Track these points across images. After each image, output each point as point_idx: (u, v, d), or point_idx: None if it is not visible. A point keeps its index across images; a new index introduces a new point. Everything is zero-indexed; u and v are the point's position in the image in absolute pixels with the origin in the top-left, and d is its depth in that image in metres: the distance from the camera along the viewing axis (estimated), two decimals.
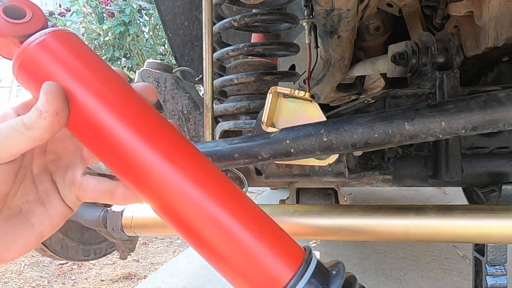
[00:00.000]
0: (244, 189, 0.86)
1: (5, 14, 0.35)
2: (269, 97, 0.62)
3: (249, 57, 1.05)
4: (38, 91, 0.33)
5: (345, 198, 0.89)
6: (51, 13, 5.41)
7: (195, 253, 0.35)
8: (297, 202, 0.95)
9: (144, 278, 2.05)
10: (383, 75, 1.27)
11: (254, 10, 0.95)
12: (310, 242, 2.35)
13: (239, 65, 0.98)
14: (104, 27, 4.87)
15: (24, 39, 0.35)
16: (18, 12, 0.36)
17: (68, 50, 0.35)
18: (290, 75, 0.98)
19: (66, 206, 0.38)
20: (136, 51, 5.05)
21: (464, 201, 1.24)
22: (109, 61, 4.89)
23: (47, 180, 0.38)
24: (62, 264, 2.12)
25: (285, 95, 0.63)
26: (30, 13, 0.36)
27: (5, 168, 0.33)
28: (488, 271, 0.89)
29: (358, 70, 1.12)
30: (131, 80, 1.19)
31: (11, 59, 0.36)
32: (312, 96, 0.63)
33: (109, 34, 4.90)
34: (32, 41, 0.35)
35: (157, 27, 5.04)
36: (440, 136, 0.56)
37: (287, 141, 0.59)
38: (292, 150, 0.59)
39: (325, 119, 0.62)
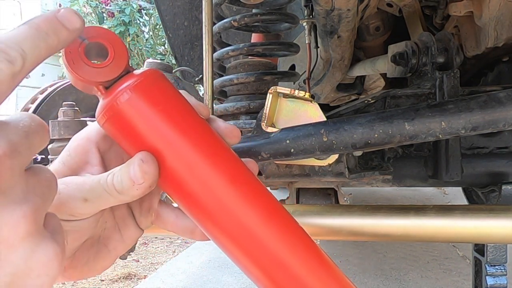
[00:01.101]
0: None
1: (86, 55, 0.31)
2: (269, 97, 0.62)
3: (249, 57, 1.05)
4: (126, 144, 0.33)
5: (345, 198, 0.89)
6: None
7: (195, 253, 0.35)
8: (297, 202, 0.94)
9: (144, 278, 2.05)
10: (383, 75, 1.27)
11: (254, 10, 0.95)
12: None
13: (239, 65, 0.98)
14: (104, 27, 4.87)
15: (107, 84, 0.32)
16: (99, 50, 0.32)
17: (158, 102, 0.32)
18: (290, 75, 0.98)
19: (139, 230, 0.40)
20: (136, 51, 5.05)
21: (464, 201, 1.24)
22: None
23: (123, 206, 0.39)
24: None
25: (285, 95, 0.63)
26: (113, 51, 0.31)
27: (94, 217, 0.34)
28: (488, 271, 0.89)
29: (358, 70, 1.12)
30: None
31: (89, 92, 0.33)
32: (312, 96, 0.63)
33: None
34: (121, 95, 0.31)
35: (157, 27, 5.04)
36: (440, 136, 0.56)
37: (287, 141, 0.59)
38: (292, 150, 0.59)
39: (325, 119, 0.62)
